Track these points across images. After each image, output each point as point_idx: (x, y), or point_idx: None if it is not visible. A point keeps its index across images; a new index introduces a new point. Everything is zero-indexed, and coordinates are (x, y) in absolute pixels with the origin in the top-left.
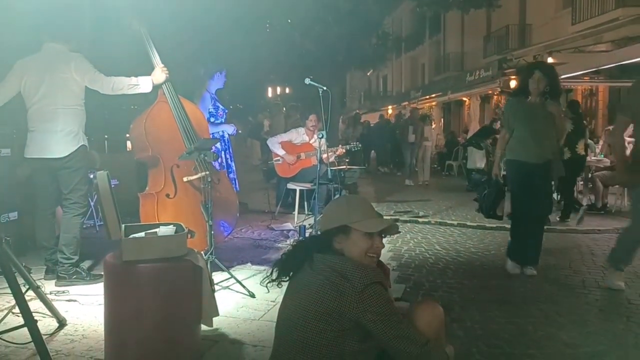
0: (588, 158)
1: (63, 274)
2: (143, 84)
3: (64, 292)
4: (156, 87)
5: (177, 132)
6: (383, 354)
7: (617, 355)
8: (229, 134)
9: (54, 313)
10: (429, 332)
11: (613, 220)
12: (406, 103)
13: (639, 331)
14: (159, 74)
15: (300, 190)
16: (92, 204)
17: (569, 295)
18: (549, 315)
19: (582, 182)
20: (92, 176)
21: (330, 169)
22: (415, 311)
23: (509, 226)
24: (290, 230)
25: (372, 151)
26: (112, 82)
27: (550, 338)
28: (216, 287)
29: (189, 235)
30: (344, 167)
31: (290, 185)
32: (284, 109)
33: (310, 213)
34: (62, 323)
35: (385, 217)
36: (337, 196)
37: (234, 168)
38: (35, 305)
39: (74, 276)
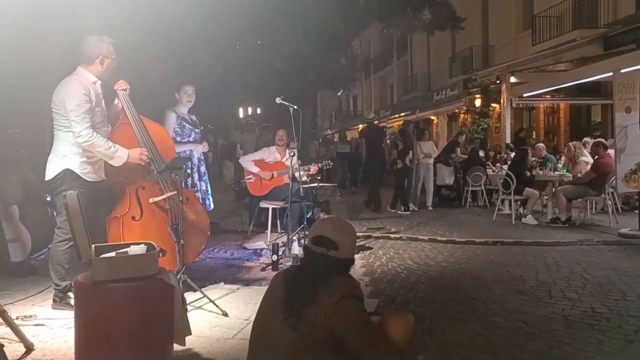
0: (550, 173)
1: (55, 298)
2: (119, 155)
3: (30, 316)
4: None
5: None
6: None
7: None
8: (199, 153)
9: (21, 338)
10: (401, 340)
11: (577, 233)
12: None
13: (603, 338)
14: (137, 155)
15: (272, 208)
16: None
17: (536, 305)
18: (517, 326)
19: (546, 197)
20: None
21: (302, 187)
22: (387, 321)
23: (478, 241)
24: (263, 248)
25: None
26: (82, 131)
27: (518, 347)
28: (189, 307)
29: (161, 254)
30: (316, 184)
31: (263, 204)
32: (256, 130)
33: (282, 231)
34: (29, 348)
35: (358, 234)
36: (309, 214)
37: (205, 188)
38: (0, 330)
39: (64, 301)
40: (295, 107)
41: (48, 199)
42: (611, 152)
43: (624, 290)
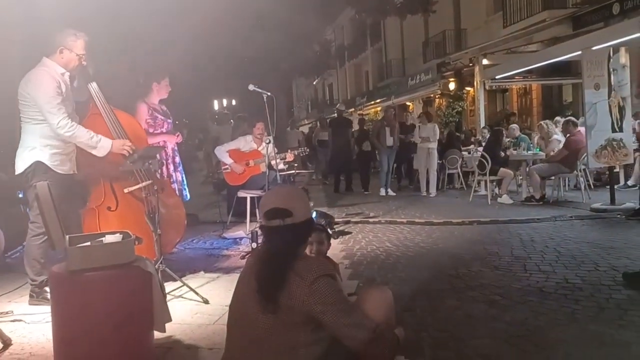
0: (524, 152)
1: (32, 294)
2: (103, 144)
3: (7, 313)
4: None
5: None
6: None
7: (556, 329)
8: (173, 144)
9: None
10: (378, 315)
11: (551, 209)
12: (352, 109)
13: (577, 307)
14: (120, 146)
15: (251, 197)
16: None
17: (511, 279)
18: (493, 299)
19: (520, 177)
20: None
21: (280, 175)
22: (364, 296)
23: (455, 221)
24: (242, 237)
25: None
26: (61, 121)
27: (495, 319)
28: (169, 297)
29: (137, 242)
30: (293, 171)
31: (241, 193)
32: (231, 121)
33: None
34: (6, 343)
35: (337, 220)
36: None
37: (181, 178)
38: None
39: (41, 296)
40: (269, 93)
41: (20, 195)
42: (582, 129)
43: (596, 261)
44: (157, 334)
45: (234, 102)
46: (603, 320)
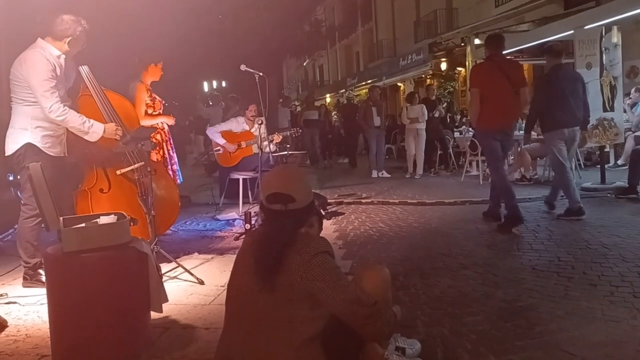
0: (516, 132)
1: (26, 276)
2: (95, 130)
3: (1, 295)
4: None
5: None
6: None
7: (549, 305)
8: (168, 125)
9: None
10: (376, 293)
11: (542, 189)
12: (343, 90)
13: (568, 284)
14: (112, 131)
15: (243, 179)
16: None
17: (504, 257)
18: (486, 277)
19: (512, 157)
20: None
21: (272, 155)
22: (362, 274)
23: (447, 201)
24: (235, 219)
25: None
26: (53, 105)
27: (488, 296)
28: (164, 278)
29: (132, 223)
30: (286, 152)
31: (233, 175)
32: (222, 103)
33: (255, 201)
34: (2, 324)
35: (329, 201)
36: None
37: (176, 159)
38: None
39: (35, 279)
40: (261, 73)
41: (10, 178)
42: None
43: (587, 239)
44: (153, 315)
45: (224, 84)
46: (594, 296)
